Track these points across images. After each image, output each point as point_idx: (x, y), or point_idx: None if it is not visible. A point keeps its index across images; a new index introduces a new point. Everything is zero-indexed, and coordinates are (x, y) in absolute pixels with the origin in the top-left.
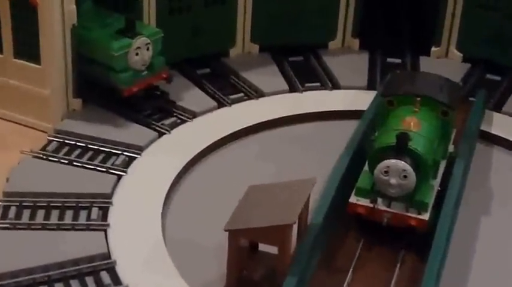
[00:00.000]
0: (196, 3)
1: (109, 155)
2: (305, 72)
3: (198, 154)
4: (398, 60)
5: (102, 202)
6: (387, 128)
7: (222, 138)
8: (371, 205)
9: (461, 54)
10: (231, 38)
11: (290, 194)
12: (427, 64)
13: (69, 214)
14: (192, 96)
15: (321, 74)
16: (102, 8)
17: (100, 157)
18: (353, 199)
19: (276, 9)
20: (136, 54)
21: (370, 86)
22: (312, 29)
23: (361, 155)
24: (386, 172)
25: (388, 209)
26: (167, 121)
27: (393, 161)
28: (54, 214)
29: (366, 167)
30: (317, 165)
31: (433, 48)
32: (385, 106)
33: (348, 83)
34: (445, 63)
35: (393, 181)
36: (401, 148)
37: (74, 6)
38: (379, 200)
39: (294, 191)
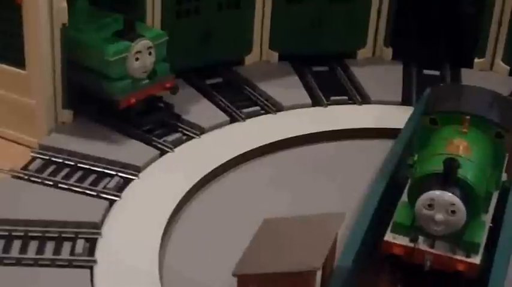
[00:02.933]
0: (208, 5)
1: (101, 176)
2: (330, 84)
3: (205, 176)
4: (437, 73)
5: (90, 233)
6: (430, 151)
7: (233, 159)
8: (411, 245)
9: (508, 67)
10: (247, 44)
11: (314, 231)
12: (470, 77)
13: (49, 246)
14: (200, 110)
15: (349, 86)
16: (98, 7)
17: (90, 178)
18: (389, 236)
19: (299, 13)
20: (136, 59)
21: (404, 101)
22: (339, 35)
23: (396, 183)
24: (430, 206)
25: (431, 250)
26: (170, 138)
27: (439, 192)
28: (32, 246)
29: (405, 198)
30: (343, 193)
31: (476, 60)
32: (428, 125)
33: (380, 97)
34: (489, 76)
35: (439, 216)
36: (449, 177)
37: (65, 4)
38: (421, 238)
39: (318, 228)
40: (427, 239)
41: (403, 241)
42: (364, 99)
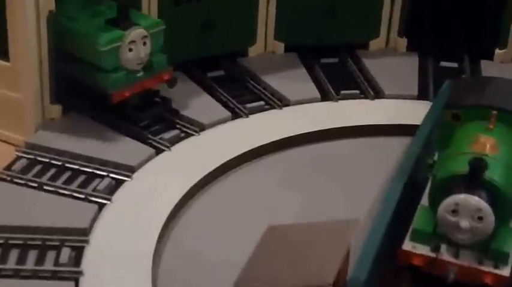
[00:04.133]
0: None
1: (91, 177)
2: (340, 77)
3: (205, 177)
4: (455, 65)
5: (76, 240)
6: (453, 150)
7: (235, 158)
8: (432, 255)
9: None
10: (250, 34)
11: (324, 240)
12: (490, 69)
13: (31, 255)
14: (200, 105)
15: (360, 79)
16: None
17: (79, 180)
18: (407, 245)
19: (306, 1)
20: (130, 49)
21: (421, 95)
22: (350, 24)
23: (414, 184)
24: (454, 211)
25: (455, 261)
26: (167, 135)
27: (464, 196)
28: (13, 254)
29: (425, 202)
30: (355, 196)
31: (497, 51)
32: (449, 121)
33: (394, 91)
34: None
35: (464, 223)
36: (475, 179)
37: None
38: (443, 247)
39: (329, 236)
40: (450, 248)
41: (423, 250)
42: (377, 94)
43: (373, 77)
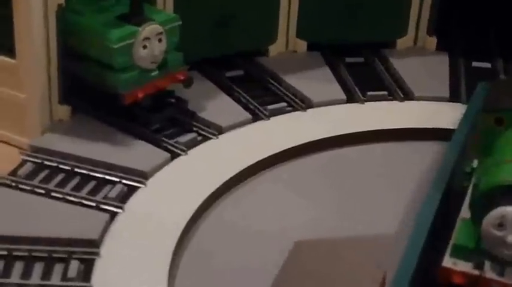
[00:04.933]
0: None
1: (101, 183)
2: (367, 78)
3: (224, 184)
4: (487, 65)
5: (86, 253)
6: (497, 158)
7: (256, 164)
8: (475, 272)
9: None
10: (271, 31)
11: (357, 258)
12: None
13: (37, 268)
14: (217, 106)
15: (388, 80)
16: None
17: (89, 186)
18: (448, 262)
19: None
20: (144, 47)
21: (452, 97)
22: (376, 22)
23: (450, 193)
24: (500, 225)
25: (500, 279)
26: (183, 138)
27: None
28: (17, 268)
29: (465, 214)
30: (386, 205)
31: None
32: (491, 126)
33: (424, 92)
34: None
35: (511, 238)
36: None
37: None
38: (487, 264)
39: (362, 254)
40: (495, 265)
41: (465, 267)
42: (407, 95)
43: (401, 78)
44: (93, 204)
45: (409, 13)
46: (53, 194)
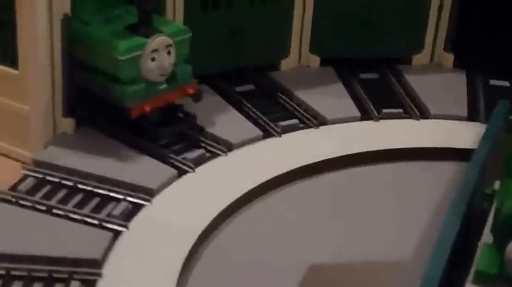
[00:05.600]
0: None
1: (106, 200)
2: (382, 95)
3: (233, 203)
4: (506, 83)
5: (87, 273)
6: None
7: (267, 182)
8: None
9: None
10: (284, 45)
11: (369, 283)
12: None
13: None
14: (227, 122)
15: (404, 97)
16: None
17: (92, 203)
18: None
19: (345, 9)
20: (152, 59)
21: (471, 116)
22: (391, 37)
23: (469, 215)
24: None
25: None
26: (191, 155)
27: None
28: None
29: (487, 239)
30: (398, 229)
31: None
32: None
33: (441, 110)
34: None
35: None
36: None
37: None
38: None
39: (376, 279)
40: None
41: None
42: (423, 113)
43: (417, 95)
44: (96, 222)
45: (426, 29)
46: (55, 211)
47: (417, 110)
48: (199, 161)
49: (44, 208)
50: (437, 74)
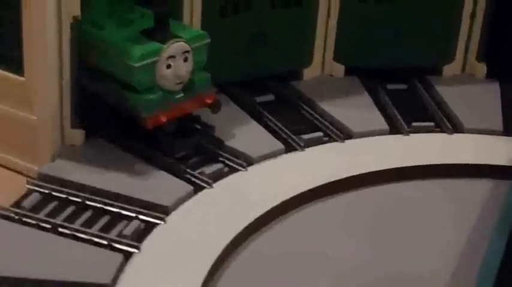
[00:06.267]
0: (259, 0)
1: (116, 218)
2: (411, 107)
3: (254, 222)
4: None
5: None
6: None
7: (290, 200)
8: None
9: None
10: (306, 53)
11: None
12: None
13: None
14: (247, 134)
15: (435, 109)
16: None
17: (102, 222)
18: None
19: (373, 15)
20: (168, 66)
21: (507, 130)
22: (421, 46)
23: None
24: None
25: None
26: (209, 169)
27: None
28: None
29: None
30: (430, 250)
31: None
32: None
33: (475, 124)
34: None
35: None
36: None
37: None
38: None
39: None
40: None
41: None
42: (455, 127)
43: (449, 108)
44: (106, 242)
45: (458, 37)
46: (61, 229)
47: (449, 124)
48: (217, 177)
49: (49, 227)
50: (470, 85)
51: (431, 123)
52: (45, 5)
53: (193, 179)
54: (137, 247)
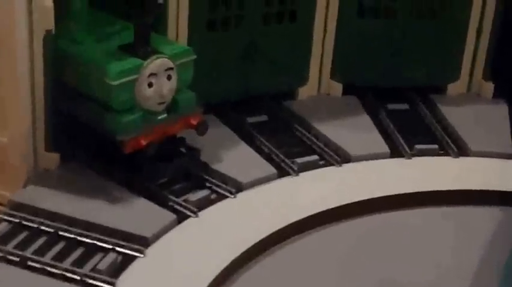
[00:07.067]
0: (251, 14)
1: (91, 250)
2: (413, 128)
3: (243, 255)
4: None
5: None
6: None
7: (283, 229)
8: None
9: None
10: (301, 71)
11: None
12: None
13: None
14: (236, 158)
15: (439, 131)
16: (100, 10)
17: (75, 254)
18: None
19: (372, 30)
20: (150, 84)
21: None
22: (423, 63)
23: None
24: None
25: None
26: (194, 196)
27: None
28: None
29: None
30: (442, 281)
31: None
32: None
33: (482, 146)
34: None
35: None
36: None
37: (51, 2)
38: None
39: None
40: None
41: None
42: (461, 150)
43: (454, 129)
44: (78, 278)
45: (463, 54)
46: (30, 263)
47: (455, 146)
48: (203, 204)
49: (17, 260)
50: (476, 105)
51: (435, 146)
52: (13, 16)
53: (176, 207)
54: (113, 284)
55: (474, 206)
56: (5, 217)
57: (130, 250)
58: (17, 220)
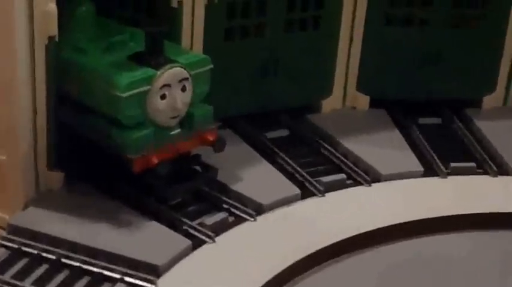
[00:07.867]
0: (271, 24)
1: (97, 281)
2: (448, 144)
3: (265, 285)
4: None
5: None
6: None
7: (310, 256)
8: None
9: None
10: (325, 82)
11: None
12: None
13: None
14: (257, 177)
15: (475, 147)
16: (109, 17)
17: (79, 284)
18: None
19: (402, 39)
20: (163, 97)
21: None
22: (457, 75)
23: None
24: None
25: None
26: (210, 220)
27: None
28: None
29: None
30: None
31: None
32: None
33: None
34: None
35: None
36: None
37: (54, 6)
38: None
39: None
40: None
41: None
42: (501, 168)
43: (492, 146)
44: None
45: (499, 65)
46: None
47: (493, 164)
48: (220, 229)
49: None
50: None
51: (473, 164)
52: (13, 23)
53: (191, 231)
54: None
55: None
56: (3, 242)
57: (140, 280)
58: (16, 246)
